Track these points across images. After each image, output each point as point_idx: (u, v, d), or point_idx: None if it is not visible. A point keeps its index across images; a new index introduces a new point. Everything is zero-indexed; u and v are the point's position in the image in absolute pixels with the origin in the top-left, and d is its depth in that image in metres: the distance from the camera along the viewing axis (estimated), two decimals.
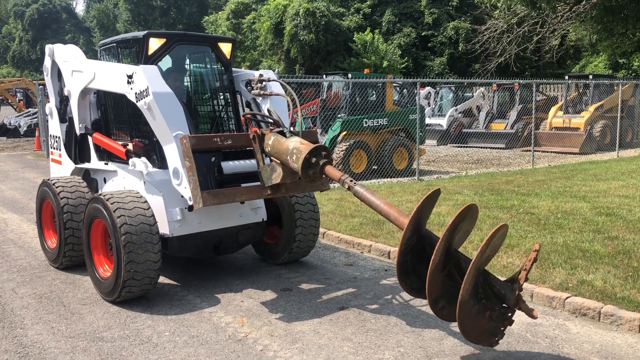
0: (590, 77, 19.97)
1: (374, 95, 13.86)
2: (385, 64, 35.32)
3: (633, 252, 6.12)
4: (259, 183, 5.13)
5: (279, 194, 5.19)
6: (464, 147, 21.99)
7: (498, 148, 21.02)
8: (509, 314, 3.66)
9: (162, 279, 5.98)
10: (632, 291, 5.00)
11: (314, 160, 4.45)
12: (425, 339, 4.45)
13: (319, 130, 13.51)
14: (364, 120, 13.18)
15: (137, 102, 5.24)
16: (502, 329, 3.66)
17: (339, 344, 4.37)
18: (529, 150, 19.50)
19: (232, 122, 6.19)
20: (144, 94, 5.10)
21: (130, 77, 5.28)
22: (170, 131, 5.09)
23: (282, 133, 4.95)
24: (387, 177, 13.05)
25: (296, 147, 4.61)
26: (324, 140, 13.02)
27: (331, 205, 9.19)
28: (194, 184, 4.81)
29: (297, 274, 6.13)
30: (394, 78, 16.29)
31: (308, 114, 14.43)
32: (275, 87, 5.85)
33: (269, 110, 5.36)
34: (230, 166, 5.29)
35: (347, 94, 13.49)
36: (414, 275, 3.95)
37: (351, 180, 4.25)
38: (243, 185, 5.32)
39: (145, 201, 5.25)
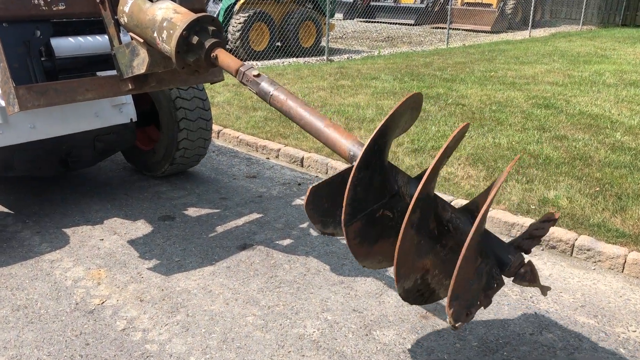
0: None
1: None
2: None
3: (589, 157, 5.17)
4: (115, 72, 3.41)
5: (147, 89, 3.52)
6: (371, 22, 20.41)
7: (407, 24, 19.68)
8: (495, 284, 2.42)
9: None
10: (605, 214, 4.02)
11: (195, 39, 2.79)
12: (359, 295, 3.23)
13: None
14: None
15: None
16: (477, 302, 2.43)
17: (241, 311, 3.05)
18: (440, 28, 18.36)
19: None
20: None
21: None
22: None
23: None
24: (293, 57, 11.36)
25: (168, 17, 2.90)
26: (217, 10, 10.91)
27: (228, 93, 7.51)
28: (2, 74, 3.02)
29: (183, 193, 4.63)
30: None
31: None
32: None
33: None
34: (66, 45, 3.49)
35: None
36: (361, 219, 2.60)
37: (257, 75, 2.68)
38: (98, 74, 3.59)
39: None
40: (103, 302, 3.11)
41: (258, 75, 2.72)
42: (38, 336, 2.81)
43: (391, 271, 3.47)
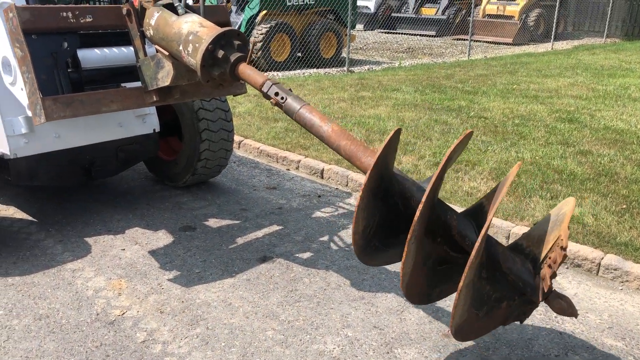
0: None
1: None
2: None
3: (615, 172, 5.08)
4: (140, 84, 3.44)
5: (171, 101, 3.55)
6: (392, 33, 20.42)
7: (428, 36, 19.64)
8: (530, 306, 2.40)
9: (11, 212, 4.31)
10: (633, 232, 3.94)
11: (220, 53, 2.81)
12: (380, 312, 3.20)
13: (233, 8, 11.42)
14: None
15: None
16: (526, 312, 2.46)
17: (260, 325, 3.03)
18: (461, 40, 18.30)
19: None
20: None
21: None
22: None
23: (171, 7, 3.21)
24: (313, 68, 11.40)
25: (194, 31, 2.93)
26: (239, 21, 11.00)
27: (249, 104, 7.55)
28: (30, 85, 3.06)
29: (204, 203, 4.64)
30: None
31: None
32: None
33: None
34: (92, 57, 3.53)
35: None
36: (376, 240, 2.58)
37: (281, 91, 2.68)
38: (123, 85, 3.62)
39: None
40: (123, 313, 3.12)
41: (283, 89, 2.72)
42: (59, 346, 2.82)
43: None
